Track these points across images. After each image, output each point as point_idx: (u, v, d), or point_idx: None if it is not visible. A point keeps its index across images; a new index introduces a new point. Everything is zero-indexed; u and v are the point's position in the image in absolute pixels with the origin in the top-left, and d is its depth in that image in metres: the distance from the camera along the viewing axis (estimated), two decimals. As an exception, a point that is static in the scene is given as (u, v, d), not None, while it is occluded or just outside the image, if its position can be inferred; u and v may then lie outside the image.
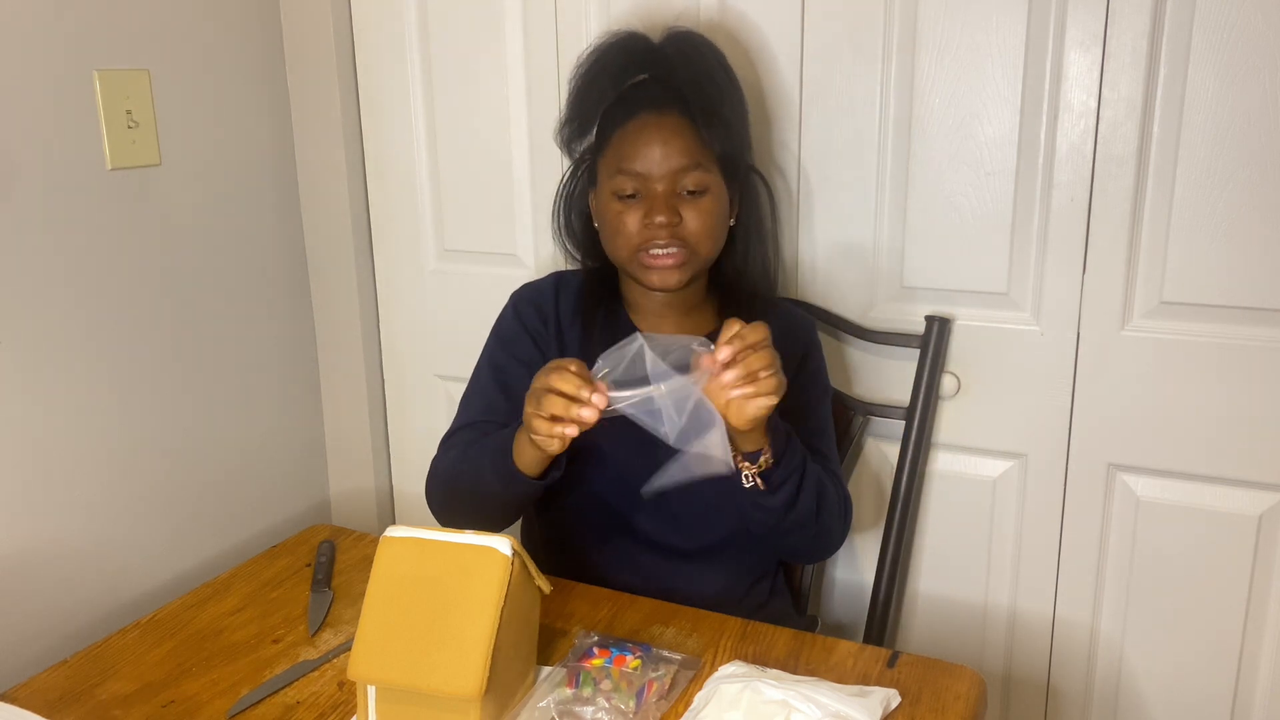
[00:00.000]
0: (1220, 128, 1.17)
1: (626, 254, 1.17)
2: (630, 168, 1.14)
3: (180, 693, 1.03)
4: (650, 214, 1.13)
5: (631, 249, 1.16)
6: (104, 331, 1.38)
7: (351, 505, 1.80)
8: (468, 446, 1.18)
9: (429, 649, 0.89)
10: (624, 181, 1.15)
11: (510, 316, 1.28)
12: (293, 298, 1.69)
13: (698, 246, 1.16)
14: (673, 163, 1.13)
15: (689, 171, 1.14)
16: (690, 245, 1.15)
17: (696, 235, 1.15)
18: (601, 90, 1.19)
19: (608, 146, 1.18)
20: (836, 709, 0.91)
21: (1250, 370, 1.22)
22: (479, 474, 1.13)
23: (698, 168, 1.14)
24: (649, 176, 1.14)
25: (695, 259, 1.16)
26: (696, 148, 1.14)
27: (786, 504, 1.09)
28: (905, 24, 1.29)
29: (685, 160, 1.14)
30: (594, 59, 1.21)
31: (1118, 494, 1.33)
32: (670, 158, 1.13)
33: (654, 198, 1.14)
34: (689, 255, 1.15)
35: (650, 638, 1.09)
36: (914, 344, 1.36)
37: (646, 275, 1.16)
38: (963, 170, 1.30)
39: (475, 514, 1.16)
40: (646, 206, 1.14)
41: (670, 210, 1.13)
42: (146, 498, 1.46)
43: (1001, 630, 1.43)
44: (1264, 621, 1.28)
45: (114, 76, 1.35)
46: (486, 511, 1.16)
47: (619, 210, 1.16)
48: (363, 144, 1.67)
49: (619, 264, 1.22)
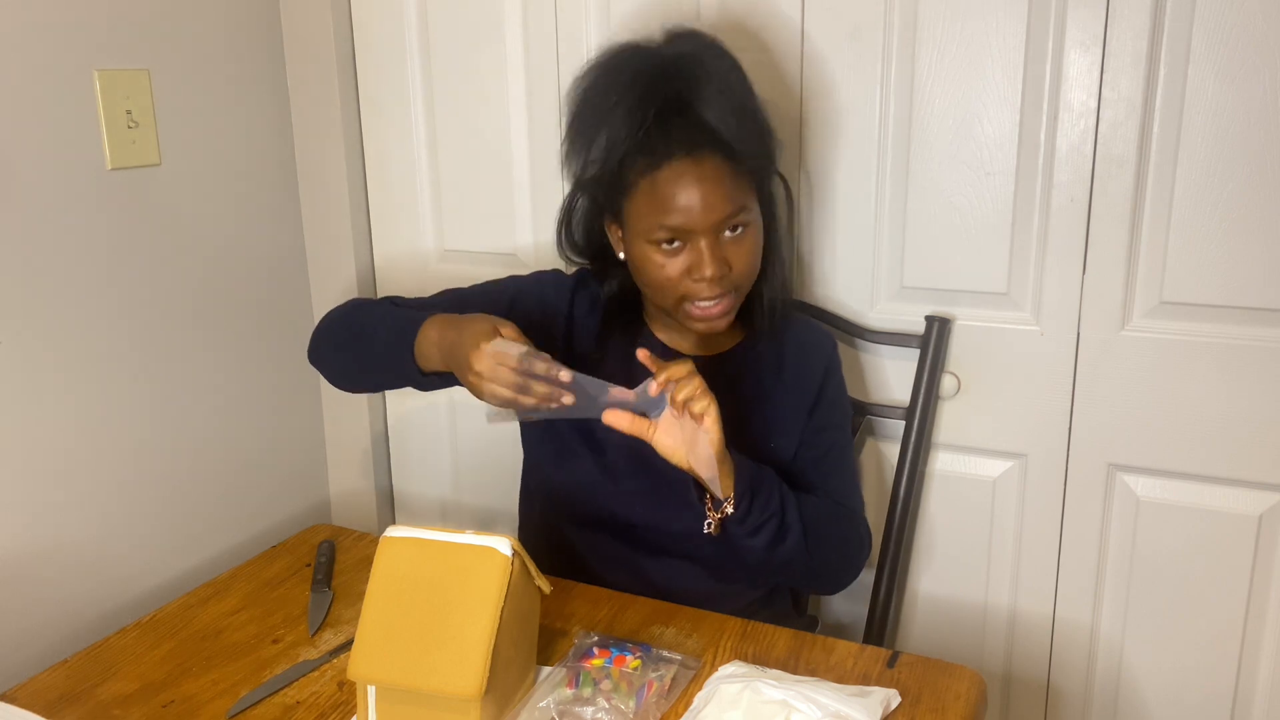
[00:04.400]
0: (1220, 128, 1.17)
1: (671, 303, 1.12)
2: (670, 223, 1.07)
3: (180, 693, 1.03)
4: (698, 269, 1.07)
5: (676, 298, 1.11)
6: (103, 332, 1.38)
7: (351, 505, 1.80)
8: (387, 304, 1.24)
9: (429, 649, 0.89)
10: (662, 233, 1.08)
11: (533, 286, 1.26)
12: (293, 298, 1.69)
13: (745, 285, 1.12)
14: (717, 213, 1.06)
15: (734, 216, 1.08)
16: (738, 286, 1.11)
17: (744, 275, 1.11)
18: (616, 129, 1.08)
19: (636, 192, 1.09)
20: (836, 709, 0.91)
21: (1250, 370, 1.22)
22: (375, 328, 1.17)
23: (742, 210, 1.08)
24: (692, 230, 1.07)
25: (741, 295, 1.13)
26: (737, 188, 1.07)
27: (767, 545, 1.09)
28: (905, 24, 1.29)
29: (730, 207, 1.07)
30: (601, 85, 1.11)
31: (1118, 494, 1.33)
32: (714, 208, 1.06)
33: (699, 252, 1.07)
34: (736, 297, 1.12)
35: (650, 638, 1.09)
36: (914, 344, 1.36)
37: (692, 323, 1.12)
38: (963, 170, 1.30)
39: (345, 361, 1.23)
40: (692, 260, 1.08)
41: (720, 263, 1.07)
42: (146, 498, 1.46)
43: (1001, 630, 1.43)
44: (1264, 621, 1.28)
45: (114, 76, 1.35)
46: (359, 361, 1.20)
47: (661, 262, 1.09)
48: (363, 144, 1.67)
49: (658, 306, 1.16)
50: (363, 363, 1.20)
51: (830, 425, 1.24)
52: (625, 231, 1.14)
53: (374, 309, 1.22)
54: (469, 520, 1.74)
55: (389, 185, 1.67)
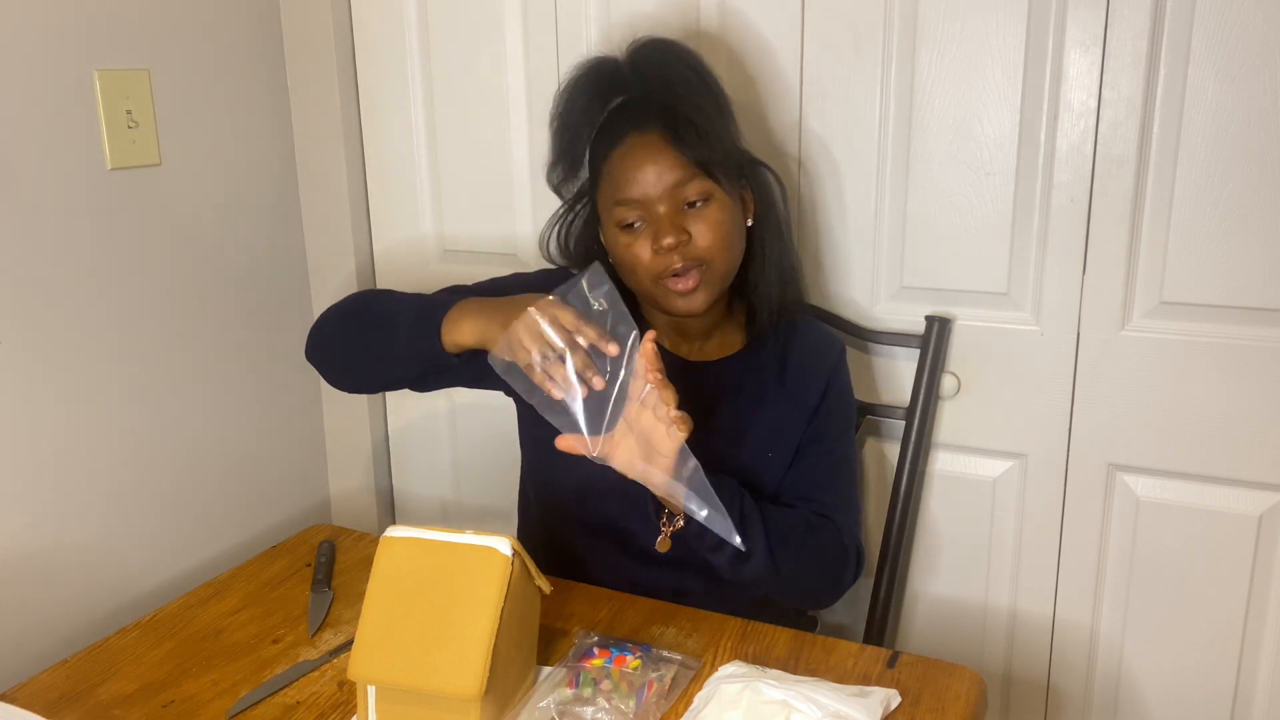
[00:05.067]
0: (1220, 128, 1.17)
1: (648, 284, 1.13)
2: (626, 196, 1.10)
3: (180, 693, 1.03)
4: (658, 238, 1.09)
5: (650, 278, 1.12)
6: (103, 332, 1.38)
7: (351, 505, 1.80)
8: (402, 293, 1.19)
9: (429, 649, 0.89)
10: (625, 212, 1.11)
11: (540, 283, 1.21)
12: (293, 298, 1.69)
13: (714, 259, 1.11)
14: (666, 179, 1.09)
15: (686, 183, 1.09)
16: (706, 260, 1.10)
17: (710, 248, 1.10)
18: (578, 126, 1.15)
19: (601, 180, 1.14)
20: (836, 709, 0.91)
21: (1250, 370, 1.22)
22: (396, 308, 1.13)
23: (694, 178, 1.09)
24: (647, 200, 1.10)
25: (714, 273, 1.12)
26: (687, 159, 1.09)
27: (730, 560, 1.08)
28: (905, 24, 1.29)
29: (679, 173, 1.09)
30: (566, 97, 1.16)
31: (1118, 494, 1.33)
32: (663, 175, 1.09)
33: (658, 221, 1.10)
34: (707, 272, 1.11)
35: (650, 638, 1.09)
36: (914, 344, 1.36)
37: (670, 302, 1.13)
38: (963, 170, 1.30)
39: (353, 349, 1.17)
40: (653, 231, 1.10)
41: (677, 229, 1.09)
42: (146, 498, 1.46)
43: (1001, 630, 1.43)
44: (1264, 621, 1.28)
45: (114, 76, 1.35)
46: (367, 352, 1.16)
47: (628, 243, 1.12)
48: (363, 144, 1.67)
49: (641, 296, 1.18)
50: (376, 347, 1.16)
51: (827, 435, 1.22)
52: (603, 229, 1.16)
53: (390, 295, 1.20)
54: (469, 520, 1.74)
55: (389, 184, 1.67)
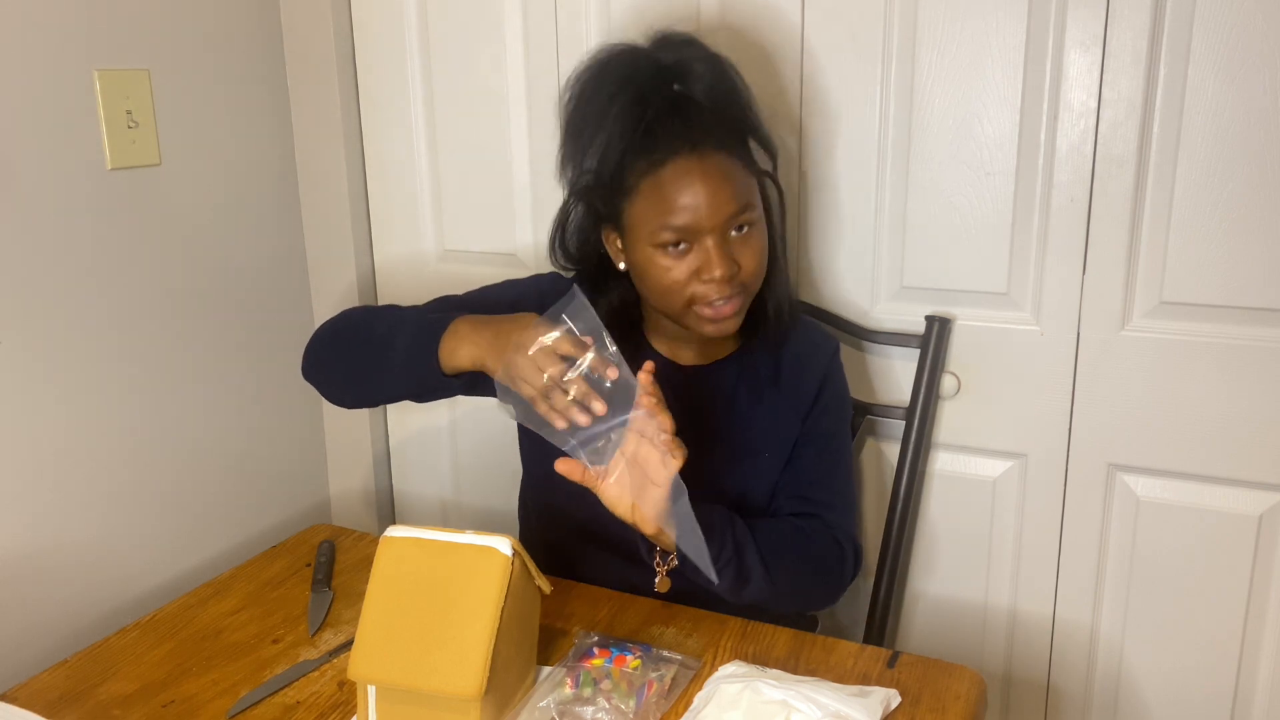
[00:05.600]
0: (1220, 127, 1.17)
1: (678, 307, 1.08)
2: (675, 222, 1.04)
3: (180, 693, 1.03)
4: (707, 270, 1.05)
5: (683, 302, 1.08)
6: (103, 332, 1.38)
7: (351, 505, 1.80)
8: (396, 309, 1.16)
9: (429, 649, 0.89)
10: (669, 235, 1.05)
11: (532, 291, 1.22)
12: (293, 297, 1.69)
13: (753, 286, 1.09)
14: (724, 211, 1.04)
15: (741, 214, 1.05)
16: (747, 286, 1.08)
17: (756, 275, 1.08)
18: (612, 132, 1.07)
19: (637, 195, 1.07)
20: (836, 709, 0.91)
21: (1250, 370, 1.22)
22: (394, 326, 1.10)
23: (748, 208, 1.06)
24: (699, 229, 1.04)
25: (749, 296, 1.10)
26: (743, 185, 1.05)
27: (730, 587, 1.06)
28: (905, 24, 1.29)
29: (737, 204, 1.04)
30: (593, 88, 1.09)
31: (1118, 494, 1.33)
32: (720, 206, 1.03)
33: (707, 252, 1.05)
34: (746, 297, 1.09)
35: (650, 638, 1.09)
36: (914, 344, 1.36)
37: (701, 326, 1.09)
38: (963, 170, 1.30)
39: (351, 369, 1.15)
40: (700, 261, 1.05)
41: (728, 262, 1.05)
42: (146, 498, 1.46)
43: (1001, 630, 1.43)
44: (1264, 621, 1.28)
45: (114, 76, 1.35)
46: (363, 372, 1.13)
47: (667, 266, 1.06)
48: (363, 144, 1.67)
49: (664, 313, 1.14)
50: (373, 370, 1.14)
51: (821, 433, 1.21)
52: (626, 238, 1.11)
53: (383, 314, 1.18)
54: (469, 520, 1.74)
55: (389, 185, 1.67)
